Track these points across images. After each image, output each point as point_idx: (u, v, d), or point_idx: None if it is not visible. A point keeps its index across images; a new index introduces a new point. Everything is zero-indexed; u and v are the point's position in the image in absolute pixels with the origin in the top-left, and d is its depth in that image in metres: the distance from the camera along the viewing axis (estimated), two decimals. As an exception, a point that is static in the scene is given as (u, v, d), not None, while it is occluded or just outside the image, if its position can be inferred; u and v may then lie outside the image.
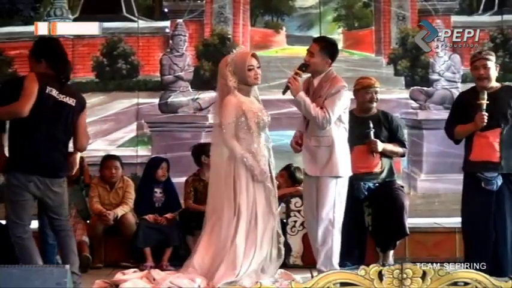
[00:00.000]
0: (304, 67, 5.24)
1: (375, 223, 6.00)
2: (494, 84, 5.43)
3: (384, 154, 6.00)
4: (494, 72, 5.41)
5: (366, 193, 5.92)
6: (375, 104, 6.07)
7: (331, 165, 5.15)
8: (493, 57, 5.44)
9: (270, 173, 5.24)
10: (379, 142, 5.93)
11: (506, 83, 6.00)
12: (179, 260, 5.71)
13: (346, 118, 5.27)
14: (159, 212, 6.36)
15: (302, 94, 5.15)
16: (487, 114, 5.27)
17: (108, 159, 6.48)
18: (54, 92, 4.87)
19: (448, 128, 5.60)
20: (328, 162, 5.16)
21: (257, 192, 5.14)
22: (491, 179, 5.34)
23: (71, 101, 4.94)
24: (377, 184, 5.97)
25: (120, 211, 6.25)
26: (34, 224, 5.10)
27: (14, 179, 4.84)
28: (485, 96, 5.30)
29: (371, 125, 5.92)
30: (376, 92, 6.05)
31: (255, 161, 5.09)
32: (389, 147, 6.02)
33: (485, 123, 5.29)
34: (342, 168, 5.18)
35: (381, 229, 5.93)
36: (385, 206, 5.86)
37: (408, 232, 5.92)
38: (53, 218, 4.98)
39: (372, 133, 5.93)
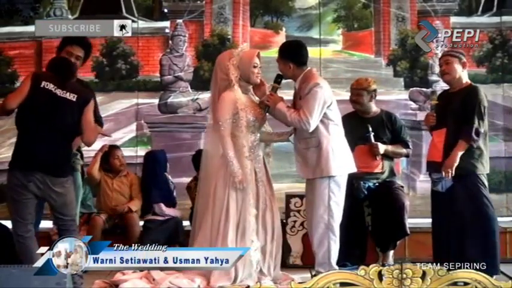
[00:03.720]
0: (279, 78, 5.25)
1: (375, 223, 6.00)
2: (463, 82, 5.34)
3: (387, 155, 6.00)
4: (458, 69, 5.32)
5: (366, 192, 5.91)
6: (367, 105, 6.00)
7: (321, 166, 5.12)
8: (457, 54, 5.38)
9: (267, 172, 5.25)
10: (380, 145, 5.92)
11: (506, 84, 5.99)
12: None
13: (334, 115, 5.19)
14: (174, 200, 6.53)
15: (279, 105, 5.12)
16: (434, 114, 5.31)
17: (113, 148, 6.56)
18: (52, 87, 4.86)
19: None
20: (318, 163, 5.13)
21: (246, 194, 5.10)
22: (437, 181, 5.30)
23: (72, 96, 4.90)
24: (377, 184, 5.97)
25: (133, 206, 6.35)
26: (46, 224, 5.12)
27: (14, 178, 4.84)
28: (436, 97, 5.38)
29: (370, 129, 5.91)
30: (358, 94, 5.97)
31: (239, 168, 5.03)
32: (392, 148, 6.02)
33: (432, 123, 5.33)
34: (333, 167, 5.12)
35: (381, 229, 5.92)
36: (385, 206, 5.86)
37: (408, 232, 5.92)
38: (58, 217, 5.00)
39: (371, 136, 5.92)
